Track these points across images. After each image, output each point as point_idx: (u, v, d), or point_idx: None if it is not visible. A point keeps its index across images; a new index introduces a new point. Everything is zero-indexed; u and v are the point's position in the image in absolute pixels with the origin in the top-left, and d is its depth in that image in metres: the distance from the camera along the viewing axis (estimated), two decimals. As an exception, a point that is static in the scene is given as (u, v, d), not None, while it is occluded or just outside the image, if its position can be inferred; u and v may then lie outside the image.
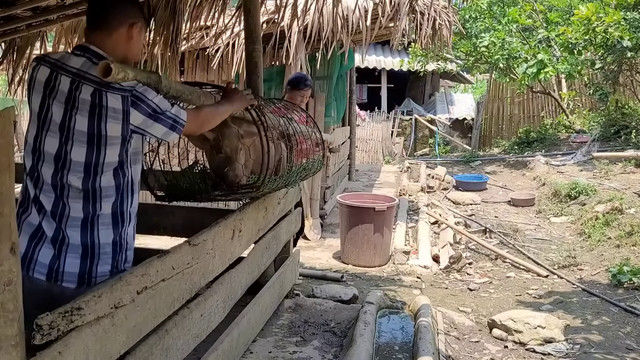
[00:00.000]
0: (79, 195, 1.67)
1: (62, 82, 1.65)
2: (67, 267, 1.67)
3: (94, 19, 1.75)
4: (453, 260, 4.96)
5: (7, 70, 4.36)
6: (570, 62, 9.50)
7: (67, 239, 1.67)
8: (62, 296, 1.61)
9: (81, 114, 1.63)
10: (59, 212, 1.67)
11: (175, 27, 3.74)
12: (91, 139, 1.65)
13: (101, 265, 1.72)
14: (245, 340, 2.72)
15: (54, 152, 1.66)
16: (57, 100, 1.65)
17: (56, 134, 1.66)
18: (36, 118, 1.69)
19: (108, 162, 1.69)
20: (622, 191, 6.48)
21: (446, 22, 4.94)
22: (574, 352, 3.22)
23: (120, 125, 1.66)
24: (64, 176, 1.66)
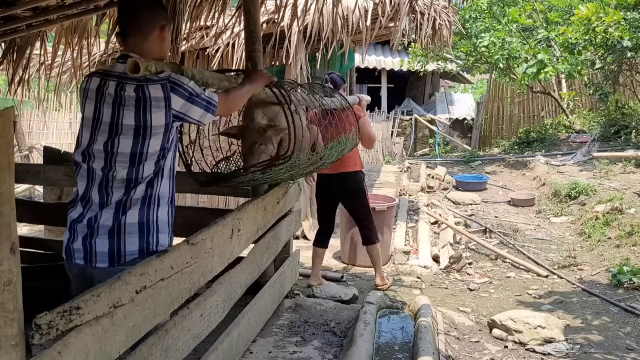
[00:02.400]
0: (121, 185, 1.82)
1: (109, 87, 1.82)
2: (98, 248, 1.79)
3: (126, 27, 1.90)
4: (453, 260, 4.96)
5: (7, 70, 4.36)
6: (570, 62, 9.50)
7: (99, 221, 1.80)
8: (98, 277, 1.73)
9: (128, 108, 1.79)
10: (104, 201, 1.82)
11: (175, 27, 3.74)
12: (137, 130, 1.79)
13: (129, 245, 1.82)
14: (245, 340, 2.72)
15: (102, 148, 1.82)
16: (106, 103, 1.82)
17: (105, 132, 1.82)
18: (89, 123, 1.86)
19: (151, 152, 1.83)
20: (622, 191, 6.48)
21: (446, 22, 4.94)
22: (574, 352, 3.22)
23: (163, 113, 1.81)
24: (111, 168, 1.81)
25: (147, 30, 1.88)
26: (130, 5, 1.91)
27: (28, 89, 4.82)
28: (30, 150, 9.53)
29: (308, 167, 2.82)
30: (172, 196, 1.95)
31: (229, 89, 2.20)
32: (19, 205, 1.33)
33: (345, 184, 4.07)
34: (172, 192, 1.95)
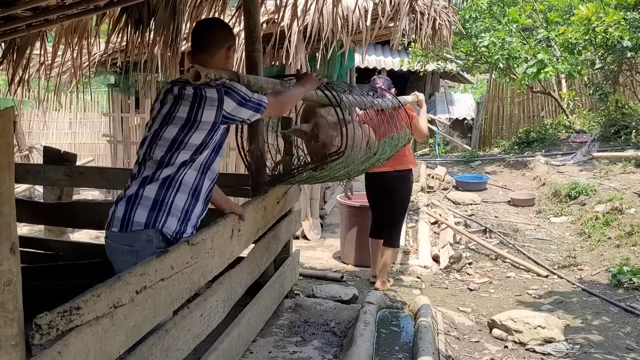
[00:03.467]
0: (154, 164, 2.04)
1: (175, 89, 2.11)
2: (116, 213, 2.02)
3: (198, 45, 2.20)
4: (453, 260, 4.96)
5: (7, 70, 4.36)
6: (570, 62, 9.49)
7: (126, 191, 2.04)
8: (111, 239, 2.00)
9: (184, 104, 2.05)
10: (135, 174, 2.07)
11: (175, 27, 3.74)
12: (186, 122, 2.04)
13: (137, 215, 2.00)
14: (245, 340, 2.72)
15: (152, 134, 2.09)
16: (169, 100, 2.10)
17: (158, 122, 2.09)
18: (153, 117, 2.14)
19: (191, 143, 2.05)
20: (622, 191, 6.48)
21: (446, 22, 4.93)
22: (574, 352, 3.22)
23: (214, 112, 2.05)
24: (152, 150, 2.06)
25: (215, 49, 2.17)
26: (205, 26, 2.27)
27: (28, 89, 4.82)
28: (30, 150, 9.53)
29: (363, 164, 3.02)
30: (199, 190, 2.11)
31: (280, 91, 2.45)
32: (19, 205, 1.33)
33: (400, 181, 4.19)
34: (200, 186, 2.11)
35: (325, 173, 2.79)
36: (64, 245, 3.79)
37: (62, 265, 3.30)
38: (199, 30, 2.26)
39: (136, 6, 3.60)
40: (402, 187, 4.23)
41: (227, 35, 2.24)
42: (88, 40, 4.04)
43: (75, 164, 3.97)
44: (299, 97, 2.49)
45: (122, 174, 3.87)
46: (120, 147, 6.67)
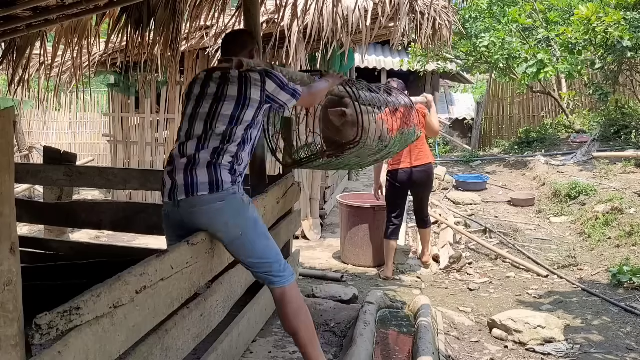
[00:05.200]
0: (218, 138, 2.28)
1: (216, 74, 2.41)
2: (199, 179, 2.20)
3: (227, 49, 2.57)
4: (453, 260, 4.96)
5: (7, 70, 4.36)
6: (570, 62, 9.49)
7: (198, 161, 2.23)
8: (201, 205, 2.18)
9: (232, 84, 2.34)
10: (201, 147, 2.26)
11: (175, 27, 3.74)
12: (238, 99, 2.31)
13: (223, 174, 2.22)
14: (245, 340, 2.72)
15: (206, 112, 2.32)
16: (213, 82, 2.38)
17: (209, 101, 2.34)
18: (194, 97, 2.40)
19: (245, 119, 2.31)
20: (622, 191, 6.48)
21: (446, 22, 4.93)
22: (574, 352, 3.22)
23: (259, 91, 2.33)
24: (212, 125, 2.29)
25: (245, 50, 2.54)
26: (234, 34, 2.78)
27: (28, 89, 4.82)
28: (30, 150, 9.53)
29: (375, 155, 3.27)
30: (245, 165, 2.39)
31: (312, 84, 2.71)
32: (19, 205, 1.33)
33: (426, 174, 4.64)
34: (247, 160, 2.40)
35: (340, 160, 3.06)
36: (64, 245, 3.79)
37: (62, 265, 3.30)
38: (230, 38, 2.66)
39: (136, 6, 3.60)
40: (429, 179, 4.74)
41: (249, 42, 2.63)
42: (88, 40, 4.04)
43: (75, 164, 3.97)
44: (326, 91, 2.76)
45: (122, 174, 3.87)
46: (120, 147, 6.67)
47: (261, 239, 2.30)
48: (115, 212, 3.59)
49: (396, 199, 4.69)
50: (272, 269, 2.29)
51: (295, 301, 2.32)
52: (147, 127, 6.53)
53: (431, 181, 4.82)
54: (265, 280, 2.34)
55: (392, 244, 4.67)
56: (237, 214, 2.23)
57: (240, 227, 2.23)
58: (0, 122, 1.17)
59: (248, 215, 2.27)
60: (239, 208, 2.24)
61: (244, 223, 2.24)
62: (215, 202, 2.19)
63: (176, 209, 2.25)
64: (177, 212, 2.26)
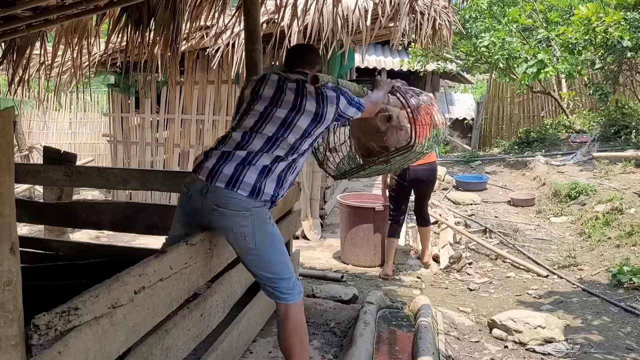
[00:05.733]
0: (287, 147, 2.30)
1: (290, 82, 2.43)
2: (246, 179, 2.19)
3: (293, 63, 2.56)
4: (453, 260, 4.96)
5: (7, 70, 4.35)
6: (570, 62, 9.49)
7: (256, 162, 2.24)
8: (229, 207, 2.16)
9: (309, 100, 2.37)
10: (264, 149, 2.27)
11: (175, 27, 3.74)
12: (315, 116, 2.36)
13: (268, 186, 2.22)
14: (245, 340, 2.72)
15: (282, 118, 2.33)
16: (289, 90, 2.40)
17: (285, 109, 2.35)
18: (266, 100, 2.40)
19: (315, 134, 2.39)
20: (622, 191, 6.48)
21: (446, 22, 4.93)
22: (574, 352, 3.22)
23: (334, 109, 2.40)
24: (285, 133, 2.31)
25: (315, 68, 2.56)
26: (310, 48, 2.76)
27: (28, 89, 4.82)
28: (30, 150, 9.53)
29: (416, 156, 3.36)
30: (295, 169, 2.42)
31: (369, 95, 2.81)
32: (19, 205, 1.33)
33: (431, 172, 4.76)
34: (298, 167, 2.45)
35: (385, 166, 3.19)
36: (64, 245, 3.78)
37: (62, 265, 3.30)
38: (299, 53, 2.66)
39: (136, 6, 3.59)
40: (434, 177, 4.86)
41: (319, 59, 2.71)
42: (88, 40, 4.04)
43: (75, 164, 3.97)
44: (382, 101, 2.85)
45: (122, 174, 3.87)
46: (120, 147, 6.67)
47: (276, 255, 2.28)
48: (115, 212, 3.59)
49: (401, 197, 4.76)
50: (281, 285, 2.27)
51: (296, 319, 2.30)
52: (147, 127, 6.53)
53: (435, 179, 4.93)
54: (272, 295, 2.30)
55: (394, 242, 4.75)
56: (257, 229, 2.19)
57: (256, 241, 2.20)
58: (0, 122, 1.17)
59: (267, 230, 2.24)
60: (261, 224, 2.21)
61: (261, 239, 2.21)
62: (242, 211, 2.16)
63: (202, 194, 2.19)
64: (199, 197, 2.20)
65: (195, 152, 6.31)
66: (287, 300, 2.27)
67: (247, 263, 2.28)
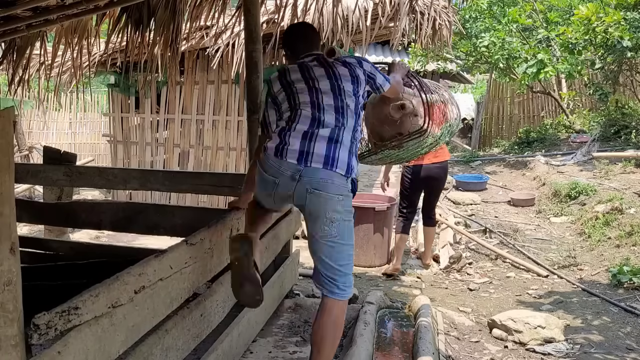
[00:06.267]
0: (351, 114, 2.35)
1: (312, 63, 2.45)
2: (340, 156, 2.22)
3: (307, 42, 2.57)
4: (453, 260, 4.96)
5: (7, 70, 4.35)
6: (570, 62, 9.48)
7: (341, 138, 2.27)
8: (327, 189, 2.16)
9: (338, 66, 2.42)
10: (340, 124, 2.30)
11: (175, 27, 3.74)
12: (352, 77, 2.41)
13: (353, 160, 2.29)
14: (245, 340, 2.72)
15: (329, 87, 2.36)
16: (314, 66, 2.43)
17: (324, 80, 2.38)
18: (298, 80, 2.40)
19: (361, 96, 2.45)
20: (622, 191, 6.48)
21: (446, 22, 4.93)
22: (574, 352, 3.22)
23: (361, 71, 2.46)
24: (343, 99, 2.35)
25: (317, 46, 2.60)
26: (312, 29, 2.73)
27: (28, 89, 4.82)
28: (30, 150, 9.53)
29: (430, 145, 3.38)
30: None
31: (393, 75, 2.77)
32: (19, 205, 1.33)
33: (443, 170, 4.77)
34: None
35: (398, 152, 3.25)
36: (64, 245, 3.79)
37: (62, 265, 3.30)
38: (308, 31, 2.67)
39: (136, 6, 3.59)
40: (445, 176, 4.86)
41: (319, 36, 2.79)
42: (88, 40, 4.04)
43: (75, 164, 3.97)
44: (401, 79, 2.85)
45: (122, 174, 3.88)
46: (120, 147, 6.67)
47: (348, 249, 2.24)
48: (115, 212, 3.59)
49: (413, 194, 4.81)
50: (341, 280, 2.21)
51: (339, 316, 2.24)
52: (147, 127, 6.53)
53: (446, 177, 4.95)
54: (326, 287, 2.22)
55: (405, 238, 4.82)
56: (344, 217, 2.19)
57: (339, 230, 2.17)
58: (0, 122, 1.17)
59: (350, 221, 2.23)
60: (348, 213, 2.21)
61: (344, 229, 2.19)
62: (338, 195, 2.15)
63: (296, 179, 2.15)
64: (292, 182, 2.15)
65: (195, 152, 6.31)
66: (339, 297, 2.21)
67: (319, 249, 2.20)
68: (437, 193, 4.97)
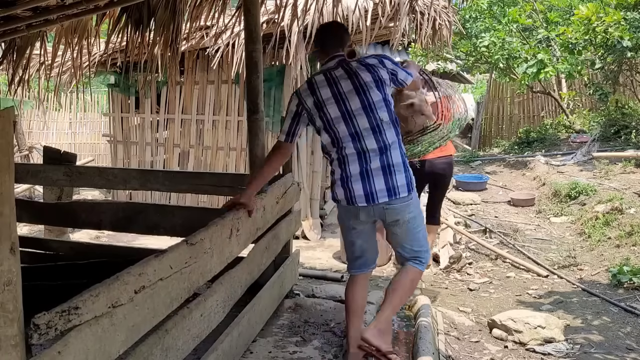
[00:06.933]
0: (389, 125, 2.52)
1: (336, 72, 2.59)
2: (399, 182, 2.50)
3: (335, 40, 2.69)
4: (453, 260, 4.96)
5: (7, 70, 4.35)
6: (570, 62, 9.49)
7: (392, 161, 2.50)
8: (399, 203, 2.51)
9: (361, 72, 2.54)
10: (381, 146, 2.49)
11: (175, 27, 3.74)
12: (376, 82, 2.54)
13: (409, 171, 2.55)
14: (245, 340, 2.72)
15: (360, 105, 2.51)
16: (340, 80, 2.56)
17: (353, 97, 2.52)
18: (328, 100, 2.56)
19: (389, 99, 2.57)
20: (622, 191, 6.48)
21: (446, 22, 4.93)
22: (574, 352, 3.22)
23: (384, 70, 2.58)
24: (375, 114, 2.50)
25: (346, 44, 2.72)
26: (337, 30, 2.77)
27: (28, 89, 4.82)
28: (30, 150, 9.53)
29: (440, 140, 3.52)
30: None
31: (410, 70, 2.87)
32: (19, 205, 1.33)
33: (448, 165, 4.71)
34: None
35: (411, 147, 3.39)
36: (64, 245, 3.79)
37: (62, 265, 3.30)
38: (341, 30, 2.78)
39: (136, 6, 3.60)
40: (450, 171, 4.82)
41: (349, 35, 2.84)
42: (88, 40, 4.04)
43: (75, 164, 3.97)
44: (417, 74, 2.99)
45: (122, 174, 3.88)
46: (120, 147, 6.67)
47: (424, 231, 2.69)
48: (115, 212, 3.59)
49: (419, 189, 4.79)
50: (423, 255, 2.65)
51: (415, 282, 2.70)
52: (147, 127, 6.53)
53: (452, 172, 4.92)
54: (413, 262, 2.64)
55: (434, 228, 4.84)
56: (417, 211, 2.63)
57: (417, 221, 2.63)
58: (0, 122, 1.17)
59: (420, 211, 2.70)
60: (418, 206, 2.64)
61: (420, 219, 2.67)
62: (407, 201, 2.53)
63: (370, 213, 2.55)
64: (369, 213, 2.56)
65: (195, 152, 6.32)
66: (422, 267, 2.67)
67: (405, 239, 2.62)
68: (443, 189, 4.90)
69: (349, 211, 2.60)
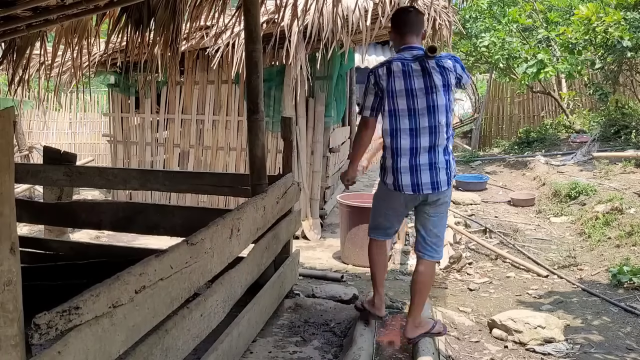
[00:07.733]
0: (444, 128, 2.71)
1: (414, 67, 2.71)
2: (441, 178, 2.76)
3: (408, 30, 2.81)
4: (453, 260, 4.96)
5: (7, 70, 4.35)
6: (570, 62, 9.49)
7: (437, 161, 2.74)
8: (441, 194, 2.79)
9: (435, 75, 2.68)
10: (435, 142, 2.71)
11: (175, 27, 3.74)
12: (444, 87, 2.70)
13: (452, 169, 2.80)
14: (245, 340, 2.72)
15: (425, 106, 2.69)
16: (415, 75, 2.70)
17: (422, 96, 2.68)
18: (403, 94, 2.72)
19: (450, 106, 2.75)
20: (622, 191, 6.48)
21: (446, 22, 4.93)
22: (574, 352, 3.22)
23: (453, 75, 2.73)
24: (436, 117, 2.69)
25: (420, 31, 2.87)
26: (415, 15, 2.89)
27: (28, 89, 4.82)
28: (30, 150, 9.53)
29: None
30: None
31: None
32: (19, 205, 1.33)
33: None
34: None
35: None
36: (64, 245, 3.79)
37: (62, 265, 3.30)
38: (419, 16, 2.93)
39: (136, 6, 3.60)
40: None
41: (423, 20, 3.02)
42: (88, 40, 4.04)
43: (75, 164, 3.97)
44: None
45: (122, 174, 3.88)
46: (120, 147, 6.66)
47: (446, 221, 2.96)
48: (115, 212, 3.59)
49: None
50: (440, 245, 2.89)
51: (433, 273, 2.99)
52: (147, 127, 6.53)
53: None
54: (428, 252, 2.87)
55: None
56: (450, 198, 2.89)
57: (448, 203, 2.88)
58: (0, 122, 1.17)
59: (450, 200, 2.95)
60: (450, 195, 2.90)
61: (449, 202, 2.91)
62: (446, 192, 2.81)
63: (415, 199, 2.82)
64: (413, 199, 2.82)
65: (195, 152, 6.31)
66: (437, 258, 2.93)
67: (431, 222, 2.85)
68: None
69: (394, 195, 2.84)
